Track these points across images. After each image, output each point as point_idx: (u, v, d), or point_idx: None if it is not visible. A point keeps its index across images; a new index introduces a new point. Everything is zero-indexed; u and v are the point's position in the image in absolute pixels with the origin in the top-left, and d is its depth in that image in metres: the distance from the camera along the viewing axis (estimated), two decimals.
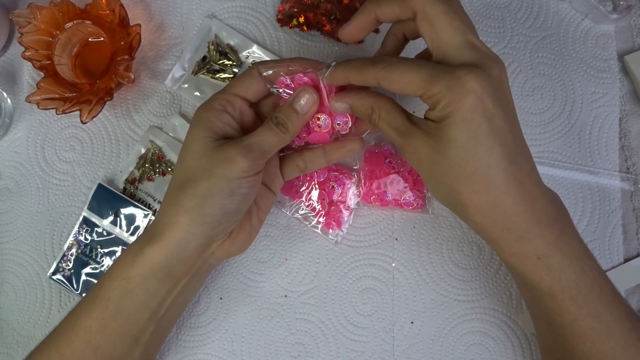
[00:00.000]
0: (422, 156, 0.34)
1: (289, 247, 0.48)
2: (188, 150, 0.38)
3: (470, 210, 0.34)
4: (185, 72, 0.51)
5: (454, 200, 0.34)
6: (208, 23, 0.51)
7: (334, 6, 0.50)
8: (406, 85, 0.33)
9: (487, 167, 0.32)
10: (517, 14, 0.50)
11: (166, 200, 0.38)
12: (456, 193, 0.34)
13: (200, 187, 0.36)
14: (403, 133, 0.35)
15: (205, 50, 0.51)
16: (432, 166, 0.34)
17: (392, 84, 0.34)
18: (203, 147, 0.37)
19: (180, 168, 0.38)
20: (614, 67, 0.49)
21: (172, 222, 0.37)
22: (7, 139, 0.53)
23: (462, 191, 0.33)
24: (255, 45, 0.51)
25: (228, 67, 0.51)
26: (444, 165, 0.33)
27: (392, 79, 0.34)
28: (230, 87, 0.40)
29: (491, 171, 0.32)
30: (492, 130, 0.32)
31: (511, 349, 0.45)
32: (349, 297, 0.47)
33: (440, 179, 0.34)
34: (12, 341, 0.49)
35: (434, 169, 0.34)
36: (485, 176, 0.32)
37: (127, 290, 0.37)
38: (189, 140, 0.38)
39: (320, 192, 0.46)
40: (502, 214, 0.33)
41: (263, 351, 0.47)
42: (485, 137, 0.32)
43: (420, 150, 0.34)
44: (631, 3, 0.48)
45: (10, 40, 0.55)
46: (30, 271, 0.50)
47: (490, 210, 0.33)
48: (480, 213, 0.34)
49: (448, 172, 0.33)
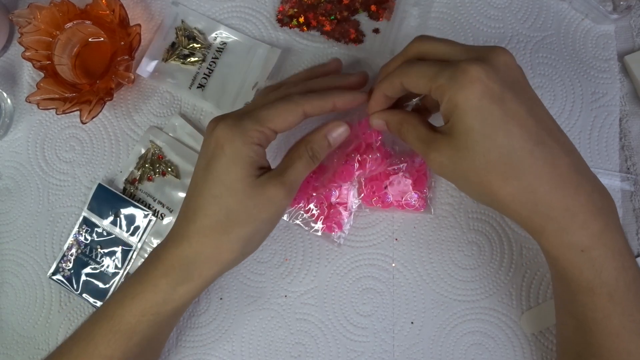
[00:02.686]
0: (445, 159, 0.34)
1: (289, 247, 0.48)
2: (228, 189, 0.36)
3: (506, 200, 0.33)
4: (155, 60, 0.51)
5: (488, 195, 0.33)
6: (174, 10, 0.52)
7: (334, 6, 0.50)
8: (418, 80, 0.34)
9: (511, 151, 0.31)
10: (517, 14, 0.50)
11: (202, 239, 0.37)
12: (487, 185, 0.33)
13: (245, 231, 0.37)
14: (427, 142, 0.35)
15: (173, 37, 0.51)
16: (457, 165, 0.33)
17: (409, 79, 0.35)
18: (246, 187, 0.36)
19: (220, 207, 0.36)
20: (614, 67, 0.49)
21: (210, 262, 0.37)
22: (7, 139, 0.53)
23: (492, 181, 0.32)
24: (222, 26, 0.51)
25: (197, 50, 0.51)
26: (467, 159, 0.32)
27: (409, 74, 0.35)
28: (266, 119, 0.37)
29: (516, 155, 0.31)
30: (505, 114, 0.31)
31: (511, 349, 0.45)
32: (349, 297, 0.47)
33: (468, 177, 0.33)
34: (12, 341, 0.49)
35: (459, 168, 0.33)
36: (512, 161, 0.32)
37: (156, 322, 0.38)
38: (228, 177, 0.36)
39: (317, 196, 0.46)
40: (540, 201, 0.32)
41: (263, 351, 0.47)
42: (500, 121, 0.31)
43: (443, 154, 0.34)
44: (631, 3, 0.48)
45: (10, 40, 0.55)
46: (30, 271, 0.50)
47: (527, 196, 0.32)
48: (517, 202, 0.33)
49: (473, 165, 0.32)
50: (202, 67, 0.51)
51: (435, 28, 0.50)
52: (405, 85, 0.36)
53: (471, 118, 0.31)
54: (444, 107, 0.33)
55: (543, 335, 0.45)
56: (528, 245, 0.46)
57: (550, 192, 0.32)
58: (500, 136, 0.31)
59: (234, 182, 0.36)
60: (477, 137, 0.32)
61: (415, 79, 0.35)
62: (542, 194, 0.32)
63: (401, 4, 0.50)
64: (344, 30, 0.50)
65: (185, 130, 0.50)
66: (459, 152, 0.33)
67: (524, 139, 0.32)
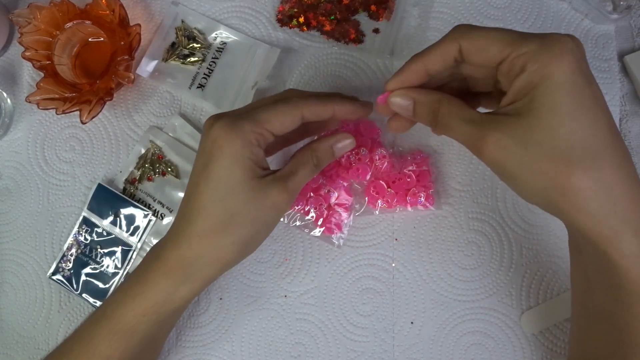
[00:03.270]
0: (512, 143, 0.28)
1: (289, 247, 0.48)
2: (230, 191, 0.35)
3: (583, 195, 0.28)
4: (155, 60, 0.51)
5: (559, 189, 0.28)
6: (173, 10, 0.52)
7: (334, 6, 0.50)
8: (490, 44, 0.29)
9: (596, 137, 0.27)
10: (517, 14, 0.50)
11: (202, 241, 0.36)
12: (561, 177, 0.27)
13: (246, 233, 0.36)
14: (481, 123, 0.30)
15: (173, 37, 0.51)
16: (528, 151, 0.28)
17: (475, 44, 0.30)
18: (248, 189, 0.35)
19: (222, 209, 0.36)
20: (614, 67, 0.49)
21: (211, 263, 0.37)
22: (7, 139, 0.53)
23: (569, 172, 0.27)
24: (222, 26, 0.51)
25: (197, 50, 0.51)
26: (545, 143, 0.27)
27: (474, 38, 0.30)
28: (264, 120, 0.36)
29: (600, 142, 0.27)
30: (594, 95, 0.28)
31: (511, 350, 0.45)
32: (349, 297, 0.47)
33: (540, 166, 0.28)
34: (12, 341, 0.49)
35: (529, 155, 0.28)
36: (595, 149, 0.27)
37: (157, 321, 0.38)
38: (230, 179, 0.35)
39: (316, 197, 0.46)
40: (618, 198, 0.28)
41: (263, 351, 0.47)
42: (590, 101, 0.27)
43: (509, 137, 0.28)
44: (631, 3, 0.48)
45: (10, 40, 0.55)
46: (30, 271, 0.50)
47: (606, 194, 0.28)
48: (595, 198, 0.28)
49: (550, 151, 0.27)
50: (202, 67, 0.51)
51: (436, 28, 0.50)
52: (467, 50, 0.31)
53: (563, 93, 0.27)
54: (525, 79, 0.28)
55: (543, 335, 0.45)
56: (528, 245, 0.46)
57: (627, 191, 0.28)
58: (589, 119, 0.27)
59: (236, 184, 0.35)
60: (565, 116, 0.27)
61: (485, 42, 0.29)
62: (620, 191, 0.28)
63: (401, 4, 0.50)
64: (344, 30, 0.50)
65: (185, 130, 0.50)
66: (535, 134, 0.28)
67: (607, 126, 0.28)
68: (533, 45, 0.28)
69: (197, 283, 0.38)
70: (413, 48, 0.50)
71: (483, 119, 0.30)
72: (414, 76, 0.34)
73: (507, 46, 0.29)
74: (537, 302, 0.45)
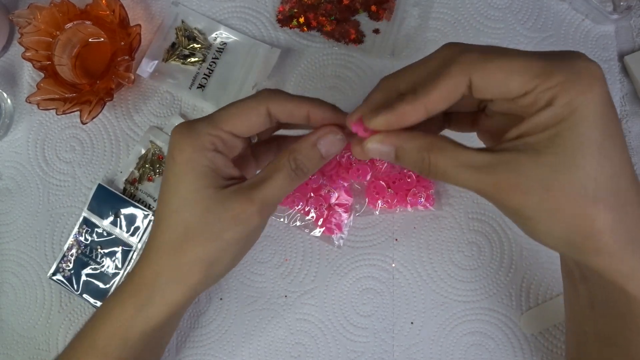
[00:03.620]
0: (533, 184, 0.25)
1: (289, 248, 0.48)
2: (185, 202, 0.32)
3: (606, 239, 0.25)
4: (155, 60, 0.51)
5: (581, 228, 0.25)
6: (173, 10, 0.52)
7: (334, 6, 0.50)
8: (511, 78, 0.25)
9: (622, 174, 0.25)
10: (517, 14, 0.50)
11: (160, 259, 0.33)
12: (588, 220, 0.25)
13: (206, 251, 0.32)
14: (489, 166, 0.26)
15: (173, 37, 0.51)
16: (550, 193, 0.25)
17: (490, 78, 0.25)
18: (205, 200, 0.31)
19: (177, 221, 0.32)
20: (614, 67, 0.49)
21: (172, 287, 0.33)
22: (7, 139, 0.53)
23: (596, 215, 0.25)
24: (222, 26, 0.51)
25: (197, 51, 0.51)
26: (571, 184, 0.24)
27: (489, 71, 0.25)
28: (222, 120, 0.32)
29: (625, 180, 0.25)
30: (619, 126, 0.25)
31: (511, 350, 0.45)
32: (349, 297, 0.47)
33: (564, 209, 0.25)
34: (12, 341, 0.50)
35: (551, 197, 0.25)
36: (620, 188, 0.25)
37: (126, 347, 0.35)
38: (183, 188, 0.32)
39: (316, 197, 0.46)
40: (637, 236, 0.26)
41: (263, 351, 0.47)
42: (617, 135, 0.25)
43: (527, 179, 0.25)
44: (631, 3, 0.48)
45: (10, 40, 0.55)
46: (30, 271, 0.50)
47: (628, 234, 0.26)
48: (617, 241, 0.26)
49: (577, 192, 0.24)
50: (202, 68, 0.51)
51: (435, 28, 0.50)
52: (479, 85, 0.26)
53: (593, 127, 0.24)
54: (551, 113, 0.25)
55: (543, 335, 0.45)
56: (528, 245, 0.46)
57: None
58: (617, 153, 0.25)
59: (188, 194, 0.31)
60: (595, 152, 0.24)
61: (503, 76, 0.25)
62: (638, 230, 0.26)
63: (401, 4, 0.50)
64: (344, 30, 0.50)
65: None
66: (559, 174, 0.25)
67: (629, 162, 0.26)
68: (561, 76, 0.24)
69: (159, 307, 0.34)
70: (413, 48, 0.50)
71: (489, 161, 0.26)
72: (410, 119, 0.27)
73: (531, 79, 0.25)
74: (537, 302, 0.45)
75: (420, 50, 0.50)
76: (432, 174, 0.28)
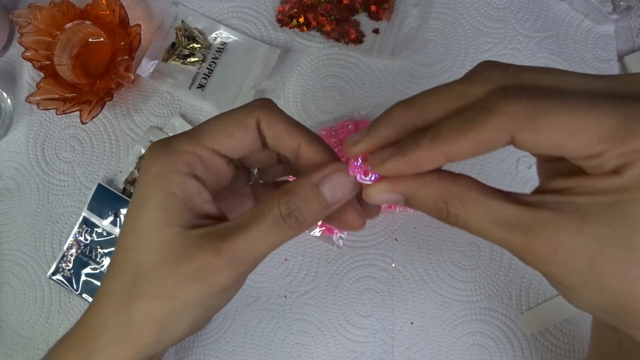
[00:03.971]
0: (574, 257, 0.21)
1: (289, 247, 0.48)
2: (139, 240, 0.25)
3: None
4: (155, 60, 0.51)
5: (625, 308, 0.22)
6: (173, 10, 0.52)
7: (333, 6, 0.50)
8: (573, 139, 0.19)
9: None
10: (517, 14, 0.50)
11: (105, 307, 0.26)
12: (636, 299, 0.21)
13: (156, 309, 0.25)
14: (522, 226, 0.21)
15: (173, 37, 0.52)
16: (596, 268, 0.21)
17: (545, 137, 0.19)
18: (162, 242, 0.24)
19: (128, 263, 0.25)
20: (614, 67, 0.49)
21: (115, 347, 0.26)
22: (7, 139, 0.53)
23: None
24: (222, 26, 0.51)
25: (197, 51, 0.51)
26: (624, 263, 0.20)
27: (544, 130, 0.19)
28: (203, 134, 0.26)
29: None
30: None
31: (511, 350, 0.45)
32: (348, 297, 0.47)
33: (610, 284, 0.21)
34: (12, 341, 0.49)
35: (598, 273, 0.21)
36: None
37: None
38: (139, 223, 0.25)
39: None
40: None
41: (263, 351, 0.47)
42: None
43: (569, 248, 0.21)
44: (631, 3, 0.48)
45: (10, 40, 0.55)
46: (30, 271, 0.50)
47: None
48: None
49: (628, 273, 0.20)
50: (202, 67, 0.51)
51: (435, 28, 0.50)
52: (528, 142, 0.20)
53: None
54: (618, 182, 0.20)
55: (543, 335, 0.45)
56: None
57: None
58: None
59: (146, 230, 0.25)
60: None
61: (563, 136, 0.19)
62: None
63: (401, 4, 0.50)
64: (344, 30, 0.50)
65: None
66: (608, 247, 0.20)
67: None
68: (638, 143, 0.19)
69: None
70: (413, 48, 0.50)
71: (522, 219, 0.21)
72: (426, 167, 0.22)
73: (599, 143, 0.19)
74: (536, 302, 0.45)
75: (420, 50, 0.50)
76: (453, 224, 0.23)
